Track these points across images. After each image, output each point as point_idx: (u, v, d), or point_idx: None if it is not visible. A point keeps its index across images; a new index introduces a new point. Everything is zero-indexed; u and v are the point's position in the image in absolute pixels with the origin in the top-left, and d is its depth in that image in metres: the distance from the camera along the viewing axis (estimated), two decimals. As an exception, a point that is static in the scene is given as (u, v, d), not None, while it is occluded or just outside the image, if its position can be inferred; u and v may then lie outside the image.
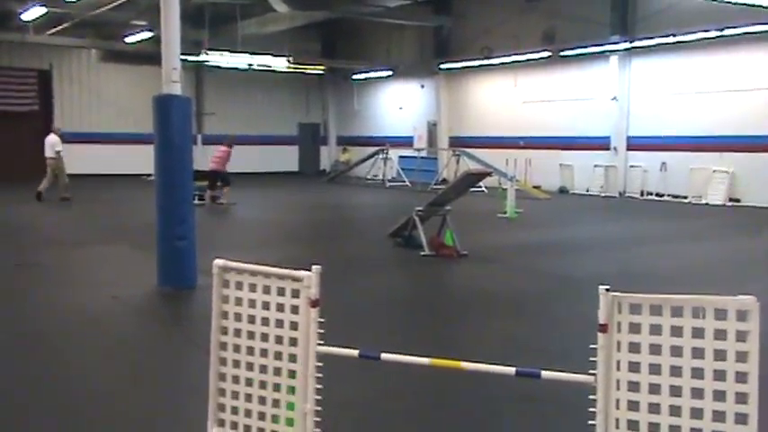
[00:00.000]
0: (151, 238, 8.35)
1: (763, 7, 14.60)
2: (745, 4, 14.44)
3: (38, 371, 5.33)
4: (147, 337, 6.56)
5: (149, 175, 22.13)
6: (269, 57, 26.07)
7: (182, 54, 8.23)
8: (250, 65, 26.65)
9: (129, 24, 24.41)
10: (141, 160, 25.51)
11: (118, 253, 11.00)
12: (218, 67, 27.03)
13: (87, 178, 25.94)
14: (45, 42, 24.95)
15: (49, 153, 18.33)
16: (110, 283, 8.68)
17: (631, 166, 21.98)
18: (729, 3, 14.49)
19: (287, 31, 25.38)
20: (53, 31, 23.89)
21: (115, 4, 20.08)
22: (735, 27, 18.01)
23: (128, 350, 6.07)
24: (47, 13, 20.96)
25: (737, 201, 19.17)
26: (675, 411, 2.90)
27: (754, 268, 10.15)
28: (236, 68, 27.29)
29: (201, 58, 24.84)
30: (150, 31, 23.53)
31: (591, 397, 3.01)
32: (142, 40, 24.76)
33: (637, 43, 20.81)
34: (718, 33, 18.48)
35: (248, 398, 3.56)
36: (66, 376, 5.29)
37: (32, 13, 21.01)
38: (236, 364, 3.59)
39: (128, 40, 25.47)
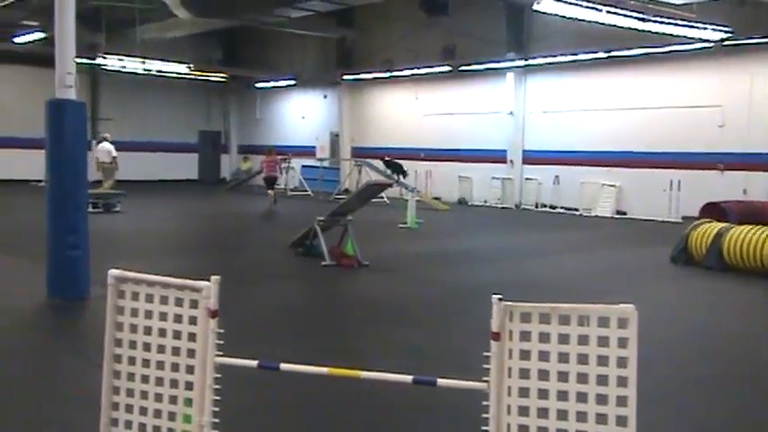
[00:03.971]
0: (42, 247, 8.01)
1: (649, 32, 15.48)
2: (630, 29, 15.27)
3: None
4: (36, 349, 6.29)
5: (40, 180, 21.38)
6: (169, 62, 25.49)
7: (77, 57, 7.96)
8: (149, 70, 25.97)
9: (19, 24, 23.29)
10: (30, 165, 24.46)
11: (4, 263, 10.47)
12: (116, 71, 26.20)
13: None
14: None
15: (104, 158, 19.97)
16: (-5, 294, 8.28)
17: (527, 179, 22.76)
18: (616, 27, 15.28)
19: (188, 37, 24.95)
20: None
21: (5, 3, 19.15)
22: (621, 50, 19.02)
23: (14, 363, 5.80)
24: (-74, 9, 19.74)
25: (624, 213, 20.17)
26: (562, 415, 3.04)
27: (637, 277, 10.71)
28: (135, 73, 26.55)
29: (98, 61, 24.02)
30: (42, 31, 22.55)
31: (484, 403, 3.11)
32: (33, 41, 23.68)
33: (531, 61, 21.62)
34: (606, 55, 19.47)
35: (143, 411, 3.49)
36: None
37: None
38: (131, 376, 3.51)
39: (17, 40, 24.29)
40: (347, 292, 9.60)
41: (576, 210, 21.07)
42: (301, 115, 30.72)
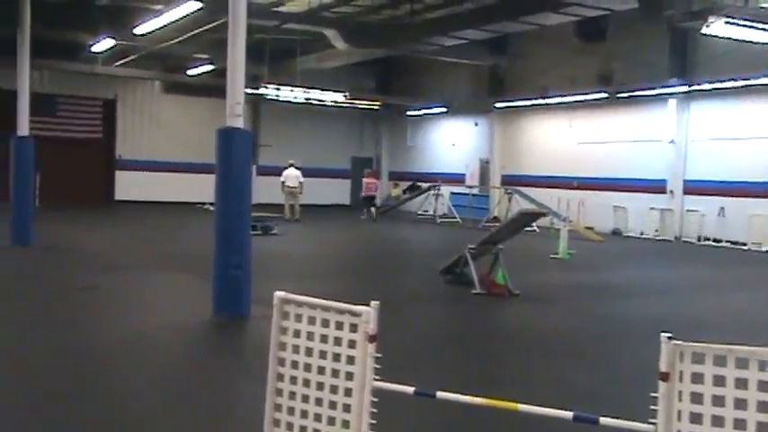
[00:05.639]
0: (207, 266, 8.50)
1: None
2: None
3: (91, 399, 5.42)
4: (201, 364, 6.64)
5: (204, 203, 22.78)
6: (326, 91, 26.54)
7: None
8: (307, 99, 27.14)
9: (191, 57, 25.18)
10: (197, 188, 26.16)
11: (175, 279, 11.21)
12: (276, 99, 27.60)
13: (146, 205, 26.67)
14: (112, 73, 25.86)
15: (293, 183, 23.24)
16: (166, 309, 8.87)
17: (688, 211, 21.56)
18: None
19: (343, 67, 25.82)
20: (120, 62, 24.77)
21: (180, 38, 20.74)
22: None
23: (180, 378, 6.15)
24: (115, 45, 21.79)
25: (799, 249, 18.61)
26: (739, 466, 2.83)
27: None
28: (293, 102, 27.83)
29: (260, 91, 25.42)
30: (212, 64, 24.24)
31: (650, 446, 2.95)
32: (203, 73, 25.50)
33: (696, 87, 20.55)
34: (781, 79, 18.17)
35: (302, 430, 3.59)
36: (118, 403, 5.36)
37: (102, 46, 21.84)
38: (292, 395, 3.63)
39: (190, 72, 26.26)
40: (498, 321, 9.47)
41: (744, 244, 19.67)
42: (452, 142, 30.87)
